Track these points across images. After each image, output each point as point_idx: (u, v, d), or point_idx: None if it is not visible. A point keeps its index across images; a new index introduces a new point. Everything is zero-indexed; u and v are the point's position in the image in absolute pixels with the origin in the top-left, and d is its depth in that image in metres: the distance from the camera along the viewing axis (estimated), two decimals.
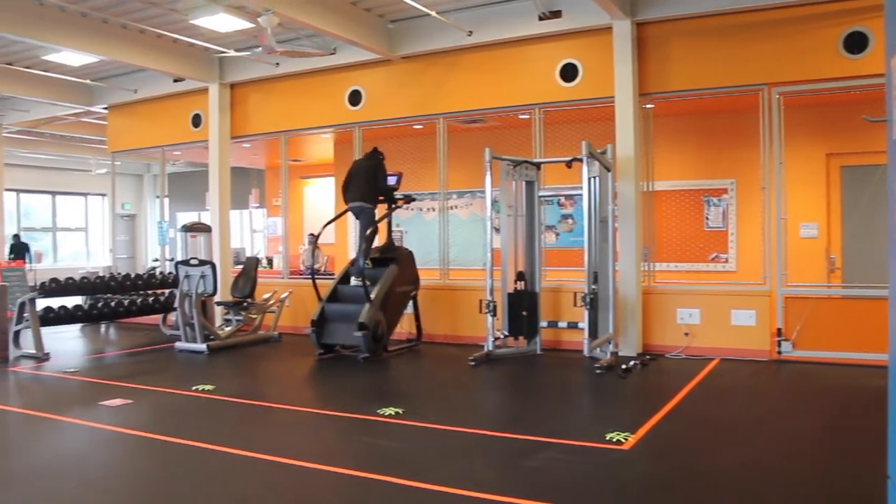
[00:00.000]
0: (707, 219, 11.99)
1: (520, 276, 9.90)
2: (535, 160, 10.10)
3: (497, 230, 9.95)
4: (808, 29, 8.92)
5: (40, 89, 14.23)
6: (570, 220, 12.92)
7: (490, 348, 9.42)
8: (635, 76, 9.69)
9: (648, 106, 10.07)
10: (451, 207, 12.16)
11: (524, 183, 10.02)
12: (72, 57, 12.48)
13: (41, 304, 10.84)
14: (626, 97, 9.66)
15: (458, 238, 11.90)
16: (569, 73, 10.28)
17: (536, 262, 10.01)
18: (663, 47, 9.72)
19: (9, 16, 10.09)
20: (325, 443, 6.11)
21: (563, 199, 12.76)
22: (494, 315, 9.44)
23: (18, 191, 23.87)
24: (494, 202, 9.75)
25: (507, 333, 9.74)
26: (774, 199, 9.16)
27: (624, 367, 8.46)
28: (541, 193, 10.18)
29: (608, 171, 9.17)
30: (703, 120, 11.65)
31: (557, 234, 12.98)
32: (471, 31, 10.57)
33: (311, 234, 15.00)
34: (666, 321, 9.71)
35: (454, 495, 4.49)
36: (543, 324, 9.87)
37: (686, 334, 9.55)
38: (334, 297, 10.18)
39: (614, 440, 5.58)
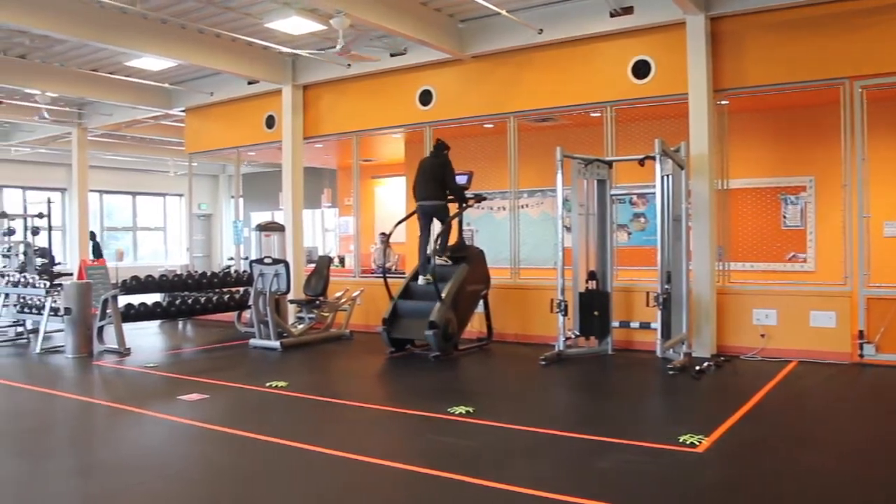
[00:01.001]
0: (784, 217, 11.69)
1: (591, 276, 9.81)
2: (607, 158, 10.00)
3: (568, 229, 9.88)
4: (892, 19, 8.61)
5: (122, 94, 14.72)
6: (642, 219, 12.75)
7: (561, 348, 9.36)
8: (709, 72, 9.50)
9: (723, 102, 9.87)
10: (522, 206, 12.11)
11: (596, 181, 9.93)
12: (152, 62, 12.88)
13: (123, 300, 11.22)
14: (700, 93, 9.48)
15: (528, 237, 11.86)
16: (641, 69, 10.14)
17: (608, 262, 9.91)
18: (738, 42, 9.50)
19: (96, 25, 10.48)
20: (395, 440, 6.17)
21: (635, 198, 12.60)
22: (566, 315, 9.38)
23: (101, 191, 24.71)
24: (566, 201, 9.68)
25: (578, 333, 9.68)
26: (856, 197, 8.88)
27: (697, 368, 8.31)
28: (612, 192, 10.07)
29: (681, 168, 9.02)
30: (780, 116, 11.36)
31: (629, 233, 12.83)
32: (541, 30, 10.51)
33: (383, 234, 15.13)
34: (741, 322, 9.50)
35: (524, 495, 4.48)
36: (615, 324, 9.78)
37: (762, 335, 9.33)
38: (405, 295, 10.25)
39: (687, 443, 5.49)
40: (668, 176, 8.89)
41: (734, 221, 11.06)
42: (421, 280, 10.18)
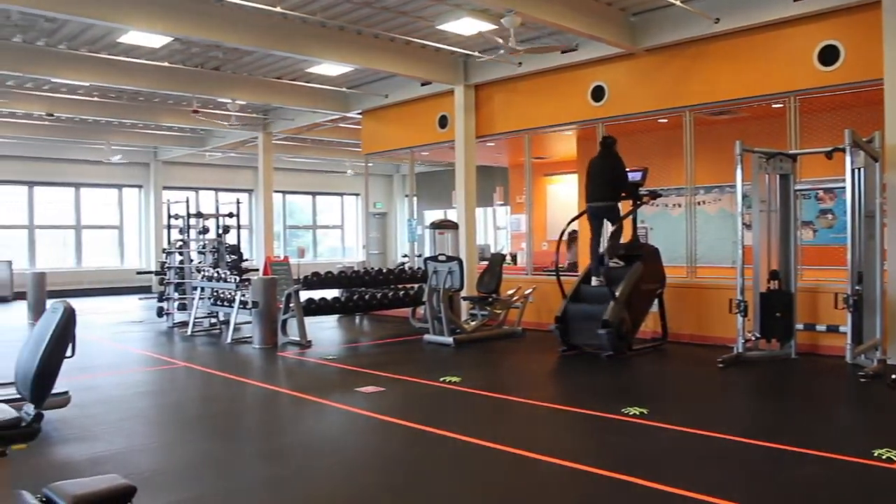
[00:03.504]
0: None
1: (773, 275, 9.36)
2: (791, 152, 9.49)
3: (748, 226, 9.47)
4: None
5: (303, 99, 15.51)
6: (829, 216, 12.00)
7: (740, 350, 8.99)
8: None
9: None
10: (699, 203, 11.73)
11: (778, 176, 9.44)
12: (330, 68, 13.51)
13: (304, 295, 11.80)
14: None
15: (705, 234, 11.46)
16: (828, 55, 9.53)
17: (791, 261, 9.40)
18: None
19: (280, 35, 11.11)
20: (567, 439, 6.15)
21: (821, 193, 11.87)
22: (745, 315, 9.00)
23: (284, 192, 26.10)
24: (745, 197, 9.28)
25: (758, 335, 9.24)
26: None
27: (894, 376, 7.72)
28: (797, 187, 9.55)
29: (875, 161, 8.42)
30: None
31: (815, 231, 12.11)
32: (718, 19, 10.11)
33: (572, 232, 14.82)
34: None
35: (699, 501, 4.35)
36: (799, 326, 9.26)
37: None
38: (578, 296, 10.17)
39: (884, 457, 5.12)
40: (859, 169, 8.34)
41: None
42: (594, 281, 10.07)
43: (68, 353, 3.29)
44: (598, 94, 11.95)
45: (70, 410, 6.53)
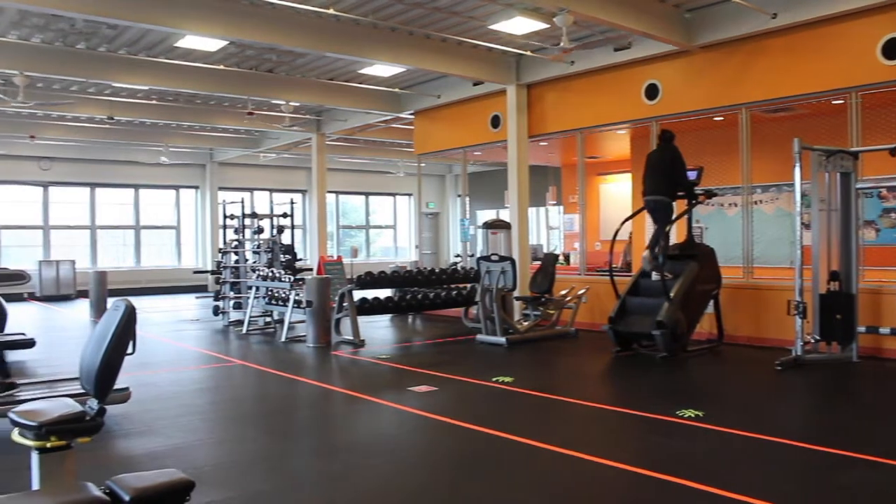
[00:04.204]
0: None
1: (833, 276, 9.15)
2: (852, 149, 9.27)
3: (807, 226, 9.28)
4: None
5: (356, 100, 15.63)
6: (893, 215, 11.70)
7: (798, 353, 8.81)
8: None
9: None
10: (755, 202, 11.53)
11: (838, 174, 9.23)
12: (383, 69, 13.61)
13: (357, 295, 11.89)
14: None
15: (762, 234, 11.26)
16: (892, 49, 9.27)
17: (853, 261, 9.18)
18: None
19: (333, 37, 11.22)
20: (620, 440, 6.09)
21: (884, 191, 11.57)
22: (804, 317, 8.81)
23: (337, 192, 26.35)
24: (804, 196, 9.10)
25: (818, 338, 9.04)
26: None
27: None
28: (858, 185, 9.32)
29: None
30: None
31: (878, 230, 11.81)
32: (775, 14, 9.91)
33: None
34: None
35: None
36: (861, 329, 9.04)
37: None
38: (632, 294, 10.08)
39: None
40: None
41: None
42: (654, 276, 9.90)
43: (129, 349, 3.37)
44: (651, 92, 11.82)
45: (130, 406, 6.69)
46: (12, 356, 9.51)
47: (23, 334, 8.66)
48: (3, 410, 4.76)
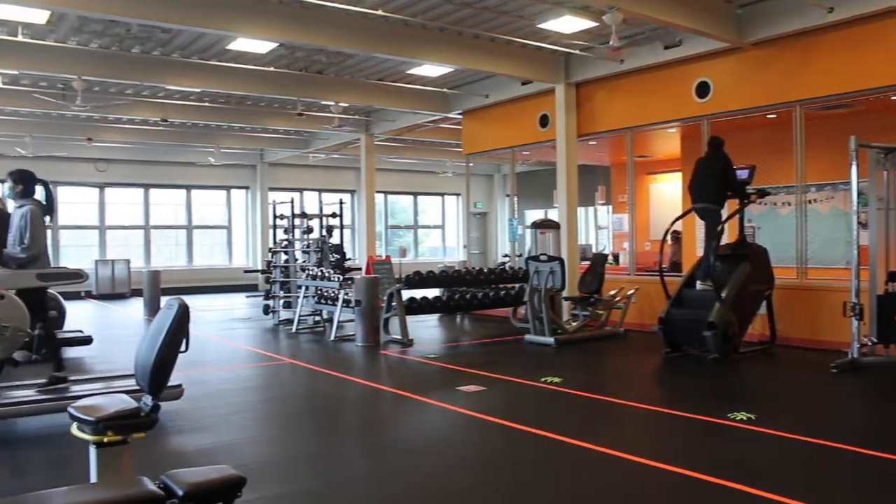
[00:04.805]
0: None
1: (892, 277, 8.91)
2: None
3: (864, 225, 9.07)
4: None
5: (405, 100, 15.69)
6: None
7: (855, 355, 8.61)
8: None
9: None
10: (809, 201, 11.30)
11: None
12: (431, 69, 13.64)
13: (406, 294, 11.93)
14: None
15: (816, 234, 11.03)
16: None
17: None
18: None
19: (381, 38, 11.27)
20: (670, 442, 6.02)
21: None
22: (861, 319, 8.61)
23: (386, 192, 26.47)
24: (861, 195, 8.89)
25: (875, 340, 8.81)
26: None
27: None
28: None
29: None
30: None
31: None
32: (831, 8, 9.69)
33: (675, 232, 14.53)
34: None
35: None
36: None
37: None
38: (683, 295, 9.96)
39: None
40: None
41: None
42: (699, 285, 9.84)
43: (182, 347, 3.43)
44: (702, 90, 11.66)
45: (183, 403, 6.81)
46: (71, 353, 9.75)
47: (80, 331, 8.87)
48: (61, 406, 4.89)
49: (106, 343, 11.15)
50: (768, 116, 11.49)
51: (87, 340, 9.02)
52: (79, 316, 14.94)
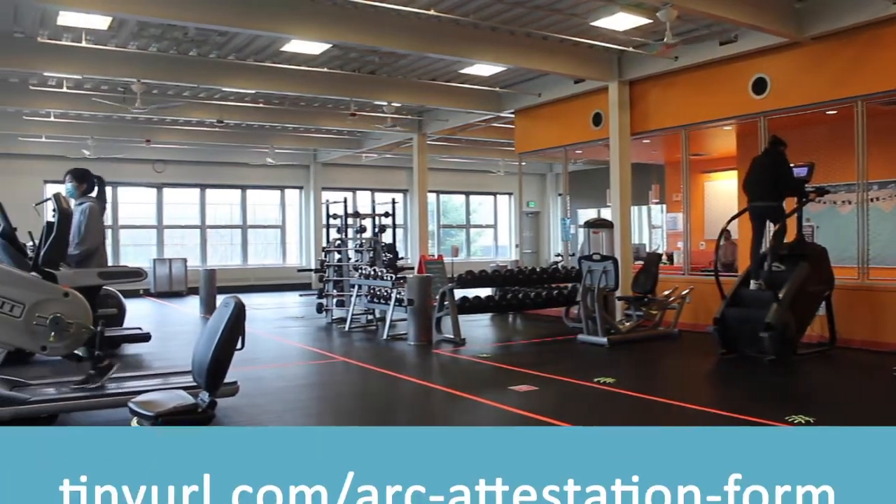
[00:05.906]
0: None
1: None
2: None
3: None
4: None
5: (457, 100, 15.70)
6: None
7: None
8: None
9: None
10: (872, 199, 11.02)
11: None
12: (483, 68, 13.63)
13: (458, 293, 11.95)
14: None
15: (879, 233, 10.76)
16: None
17: None
18: None
19: (433, 38, 11.32)
20: None
21: None
22: None
23: (438, 192, 26.52)
24: None
25: None
26: None
27: None
28: None
29: None
30: None
31: None
32: None
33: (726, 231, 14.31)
34: None
35: None
36: None
37: None
38: (739, 294, 9.78)
39: None
40: None
41: None
42: (753, 285, 9.66)
43: (238, 345, 3.48)
44: (759, 86, 11.44)
45: (238, 399, 6.90)
46: (130, 349, 9.98)
47: (139, 328, 9.07)
48: (121, 402, 5.00)
49: (164, 340, 11.36)
50: (828, 112, 11.22)
51: (145, 337, 9.22)
52: (138, 313, 15.25)
